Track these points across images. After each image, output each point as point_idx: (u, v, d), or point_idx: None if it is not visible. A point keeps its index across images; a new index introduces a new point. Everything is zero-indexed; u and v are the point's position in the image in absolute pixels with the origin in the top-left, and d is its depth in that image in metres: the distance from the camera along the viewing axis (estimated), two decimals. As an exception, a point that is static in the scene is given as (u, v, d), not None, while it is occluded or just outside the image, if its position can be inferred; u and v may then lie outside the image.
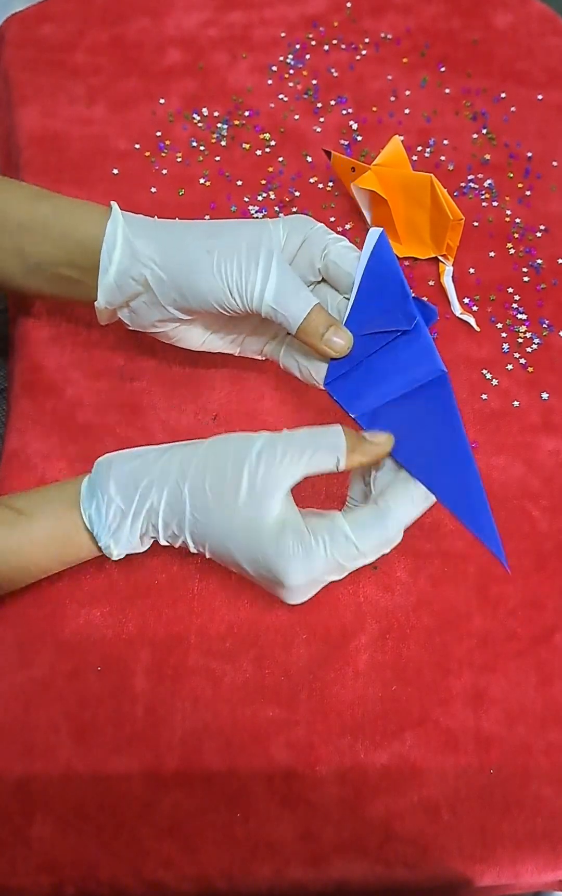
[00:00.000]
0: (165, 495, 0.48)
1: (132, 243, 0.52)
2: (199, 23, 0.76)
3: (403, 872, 0.49)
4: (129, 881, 0.48)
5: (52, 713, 0.51)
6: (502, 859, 0.49)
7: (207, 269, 0.50)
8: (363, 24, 0.77)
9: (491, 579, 0.55)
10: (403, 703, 0.52)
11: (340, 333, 0.51)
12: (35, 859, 0.48)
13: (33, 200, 0.54)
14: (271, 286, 0.50)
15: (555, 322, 0.64)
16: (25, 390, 0.60)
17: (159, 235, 0.52)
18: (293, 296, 0.50)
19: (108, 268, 0.52)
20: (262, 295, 0.50)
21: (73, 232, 0.53)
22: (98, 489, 0.49)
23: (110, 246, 0.52)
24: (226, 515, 0.47)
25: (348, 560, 0.47)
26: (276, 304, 0.50)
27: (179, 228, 0.53)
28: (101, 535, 0.49)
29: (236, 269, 0.50)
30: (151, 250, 0.52)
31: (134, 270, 0.52)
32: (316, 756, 0.50)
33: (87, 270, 0.53)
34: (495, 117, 0.73)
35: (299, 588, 0.47)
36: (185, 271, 0.51)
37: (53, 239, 0.53)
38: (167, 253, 0.51)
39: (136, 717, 0.51)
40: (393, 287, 0.51)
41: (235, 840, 0.49)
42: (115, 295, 0.53)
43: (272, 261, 0.50)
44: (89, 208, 0.54)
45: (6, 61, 0.73)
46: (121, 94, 0.72)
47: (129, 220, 0.53)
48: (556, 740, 0.51)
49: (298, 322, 0.50)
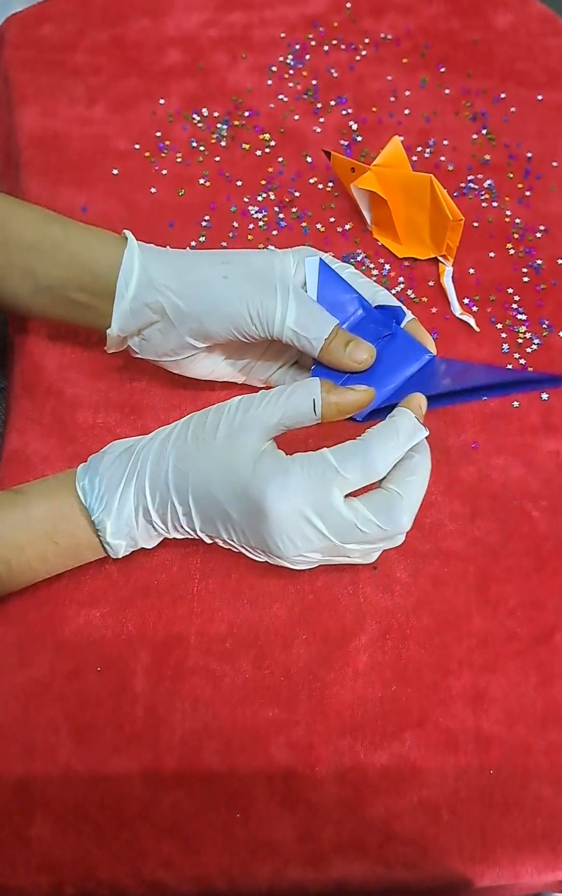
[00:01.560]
0: (151, 457, 0.49)
1: (148, 270, 0.52)
2: (199, 23, 0.76)
3: (402, 873, 0.49)
4: (128, 881, 0.48)
5: (52, 713, 0.51)
6: (501, 860, 0.49)
7: (225, 296, 0.51)
8: (363, 24, 0.77)
9: (491, 579, 0.55)
10: (403, 704, 0.52)
11: (362, 347, 0.52)
12: (35, 859, 0.48)
13: (44, 222, 0.54)
14: (292, 311, 0.51)
15: (555, 322, 0.64)
16: (25, 390, 0.60)
17: (173, 262, 0.53)
18: (313, 319, 0.51)
19: (124, 295, 0.52)
20: (283, 320, 0.51)
21: (84, 256, 0.53)
22: (93, 468, 0.50)
23: (128, 273, 0.52)
24: (206, 457, 0.48)
25: (327, 484, 0.46)
26: (297, 327, 0.51)
27: (191, 256, 0.54)
28: (94, 508, 0.49)
29: (256, 296, 0.51)
30: (167, 278, 0.52)
31: (150, 298, 0.52)
32: (316, 756, 0.50)
33: (97, 295, 0.53)
34: (495, 117, 0.73)
35: (283, 518, 0.47)
36: (203, 298, 0.51)
37: (63, 262, 0.53)
38: (184, 280, 0.52)
39: (136, 718, 0.51)
40: (353, 308, 0.53)
41: (234, 840, 0.49)
42: (129, 322, 0.53)
43: (289, 287, 0.51)
44: (100, 234, 0.55)
45: (6, 61, 0.73)
46: (121, 95, 0.72)
47: (143, 248, 0.54)
48: (556, 740, 0.51)
49: (320, 343, 0.51)
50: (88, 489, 0.49)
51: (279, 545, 0.48)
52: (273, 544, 0.48)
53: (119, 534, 0.50)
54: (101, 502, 0.49)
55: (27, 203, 0.57)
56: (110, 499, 0.49)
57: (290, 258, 0.53)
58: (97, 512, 0.49)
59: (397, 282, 0.65)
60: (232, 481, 0.47)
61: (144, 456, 0.49)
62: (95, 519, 0.49)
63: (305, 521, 0.47)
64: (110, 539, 0.50)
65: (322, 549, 0.48)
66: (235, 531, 0.49)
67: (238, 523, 0.48)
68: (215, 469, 0.48)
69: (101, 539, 0.50)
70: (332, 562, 0.50)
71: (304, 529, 0.47)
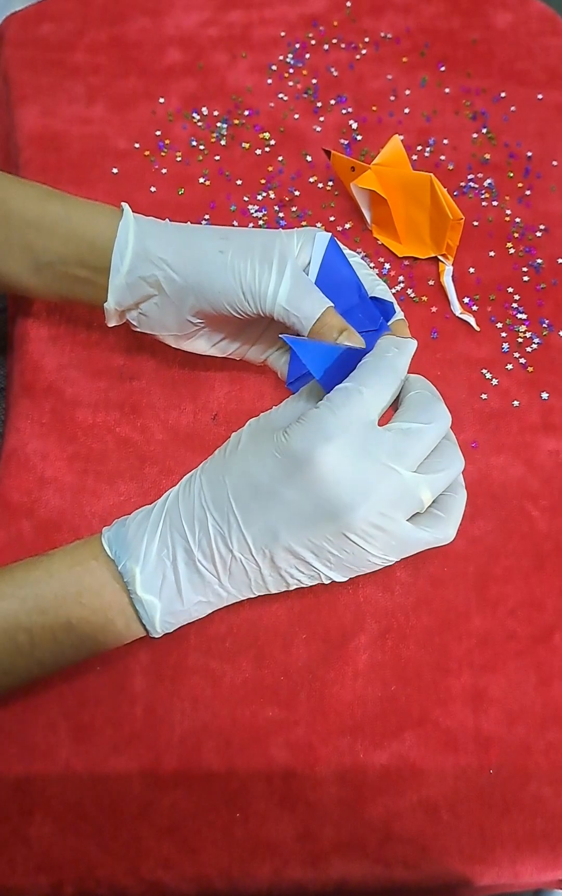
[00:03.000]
0: (180, 492, 0.46)
1: (144, 244, 0.52)
2: (198, 22, 0.76)
3: (402, 872, 0.49)
4: (127, 881, 0.48)
5: (52, 713, 0.51)
6: (501, 859, 0.49)
7: (220, 270, 0.50)
8: (363, 23, 0.77)
9: (491, 579, 0.55)
10: (403, 703, 0.52)
11: (353, 338, 0.50)
12: (34, 859, 0.48)
13: (43, 199, 0.54)
14: (285, 287, 0.50)
15: (555, 322, 0.64)
16: (25, 390, 0.60)
17: (171, 237, 0.52)
18: (306, 298, 0.50)
19: (119, 268, 0.52)
20: (275, 296, 0.50)
21: (84, 230, 0.53)
22: (118, 522, 0.47)
23: (122, 246, 0.52)
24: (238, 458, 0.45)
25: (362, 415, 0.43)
26: (289, 305, 0.50)
27: (191, 230, 0.53)
28: (121, 556, 0.45)
29: (250, 270, 0.50)
30: (164, 251, 0.51)
31: (146, 271, 0.52)
32: (315, 756, 0.50)
33: (98, 270, 0.53)
34: (495, 117, 0.72)
35: (335, 465, 0.42)
36: (198, 272, 0.51)
37: (63, 237, 0.53)
38: (180, 254, 0.51)
39: (136, 717, 0.51)
40: (349, 291, 0.52)
41: (234, 840, 0.49)
42: (126, 296, 0.53)
43: (286, 263, 0.50)
44: (100, 208, 0.54)
45: (6, 61, 0.73)
46: (120, 94, 0.72)
47: (141, 221, 0.53)
48: (555, 740, 0.51)
49: (310, 323, 0.50)
50: (114, 539, 0.46)
51: (343, 498, 0.43)
52: (338, 499, 0.43)
53: (151, 585, 0.45)
54: (128, 549, 0.45)
55: (26, 180, 0.56)
56: (138, 544, 0.45)
57: (294, 238, 0.52)
58: (124, 560, 0.45)
59: (397, 281, 0.65)
60: (269, 453, 0.44)
61: (171, 497, 0.47)
62: (122, 569, 0.45)
63: (361, 458, 0.43)
64: (142, 593, 0.45)
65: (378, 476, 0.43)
66: (292, 521, 0.44)
67: (292, 503, 0.43)
68: (251, 461, 0.44)
69: (132, 595, 0.45)
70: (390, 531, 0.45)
71: (362, 466, 0.43)
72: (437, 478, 0.45)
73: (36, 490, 0.56)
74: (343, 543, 0.44)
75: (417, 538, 0.45)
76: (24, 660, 0.46)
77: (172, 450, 0.58)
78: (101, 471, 0.57)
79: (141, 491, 0.56)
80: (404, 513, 0.44)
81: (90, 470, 0.57)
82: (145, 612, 0.45)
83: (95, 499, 0.56)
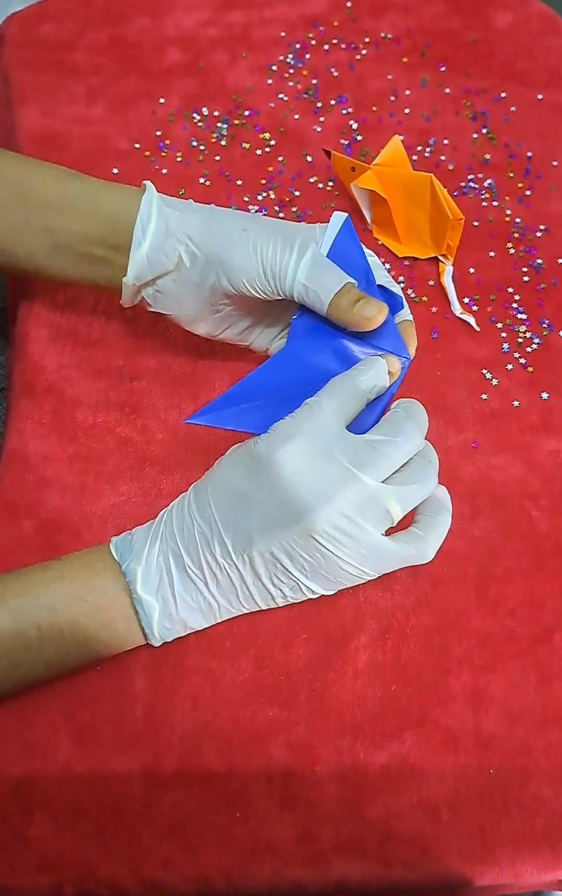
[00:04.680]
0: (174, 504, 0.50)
1: (167, 219, 0.52)
2: (199, 22, 0.76)
3: (402, 872, 0.49)
4: (128, 881, 0.48)
5: (52, 713, 0.50)
6: (501, 859, 0.49)
7: (243, 247, 0.50)
8: (363, 23, 0.77)
9: (491, 579, 0.55)
10: (403, 703, 0.52)
11: (372, 304, 0.49)
12: (34, 859, 0.48)
13: (63, 179, 0.54)
14: (304, 266, 0.50)
15: (555, 322, 0.64)
16: (25, 390, 0.60)
17: (194, 214, 0.53)
18: (326, 275, 0.50)
19: (141, 241, 0.52)
20: (295, 274, 0.50)
21: (104, 208, 0.53)
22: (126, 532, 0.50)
23: (145, 219, 0.52)
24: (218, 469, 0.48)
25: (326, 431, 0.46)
26: (308, 280, 0.50)
27: (214, 210, 0.53)
28: (124, 556, 0.48)
29: (272, 250, 0.50)
30: (187, 227, 0.52)
31: (168, 245, 0.52)
32: (316, 756, 0.50)
33: (117, 248, 0.53)
34: (495, 117, 0.73)
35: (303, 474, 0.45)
36: (220, 248, 0.51)
37: (83, 216, 0.53)
38: (203, 230, 0.52)
39: (136, 717, 0.51)
40: (358, 276, 0.51)
41: (234, 840, 0.49)
42: (145, 271, 0.53)
43: (308, 247, 0.50)
44: (121, 187, 0.54)
45: (6, 61, 0.73)
46: (121, 94, 0.72)
47: (164, 197, 0.53)
48: (556, 740, 0.51)
49: (329, 296, 0.50)
50: (120, 543, 0.49)
51: (304, 497, 0.45)
52: (299, 498, 0.45)
53: (149, 585, 0.47)
54: (132, 552, 0.48)
55: (44, 162, 0.56)
56: (141, 548, 0.48)
57: (316, 230, 0.52)
58: (127, 561, 0.48)
59: (398, 281, 0.65)
60: (242, 459, 0.47)
61: (171, 506, 0.50)
62: (125, 569, 0.48)
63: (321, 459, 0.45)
64: (141, 592, 0.47)
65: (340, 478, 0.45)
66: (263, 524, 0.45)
67: (261, 504, 0.45)
68: (227, 468, 0.48)
69: (133, 594, 0.47)
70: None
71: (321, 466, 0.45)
72: (406, 491, 0.46)
73: (36, 490, 0.56)
74: (311, 546, 0.46)
75: (389, 550, 0.47)
76: (31, 656, 0.47)
77: (172, 450, 0.58)
78: (101, 471, 0.57)
79: (141, 491, 0.56)
80: (373, 523, 0.46)
81: (90, 470, 0.57)
82: (144, 612, 0.48)
83: (96, 499, 0.56)
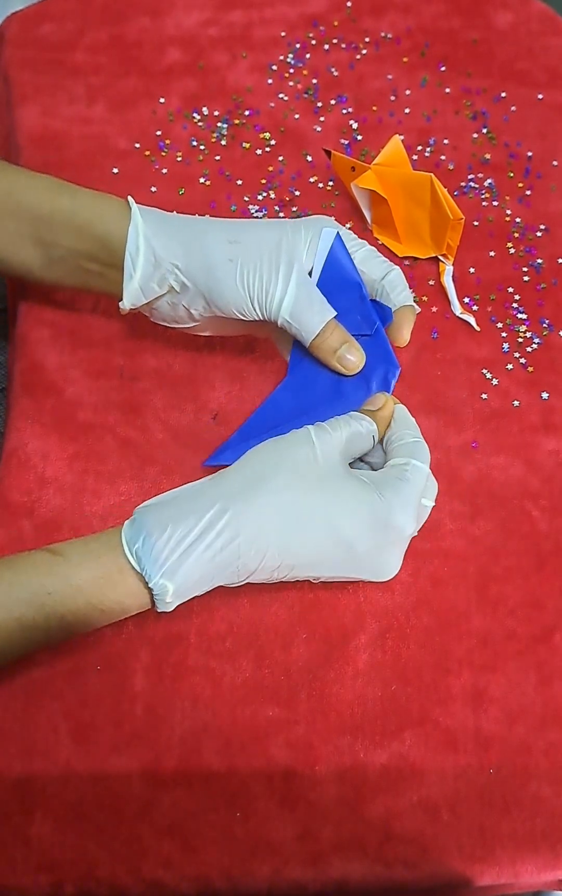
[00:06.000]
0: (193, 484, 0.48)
1: (155, 250, 0.53)
2: (199, 22, 0.76)
3: (402, 872, 0.49)
4: (128, 880, 0.48)
5: (52, 712, 0.51)
6: (501, 859, 0.49)
7: (231, 279, 0.51)
8: (363, 23, 0.77)
9: (491, 579, 0.55)
10: (403, 703, 0.52)
11: (353, 351, 0.52)
12: (34, 858, 0.48)
13: (53, 193, 0.54)
14: (289, 299, 0.51)
15: (555, 322, 0.64)
16: (25, 389, 0.60)
17: (181, 238, 0.53)
18: (308, 310, 0.52)
19: (132, 274, 0.53)
20: (280, 307, 0.51)
21: (93, 228, 0.53)
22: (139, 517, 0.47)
23: (133, 252, 0.53)
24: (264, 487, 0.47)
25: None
26: (291, 318, 0.52)
27: (200, 229, 0.53)
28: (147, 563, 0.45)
29: (258, 281, 0.51)
30: (175, 256, 0.52)
31: (158, 276, 0.53)
32: (315, 756, 0.50)
33: (110, 266, 0.54)
34: (495, 117, 0.72)
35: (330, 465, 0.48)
36: (207, 279, 0.52)
37: (74, 233, 0.54)
38: (190, 260, 0.52)
39: (136, 717, 0.51)
40: (350, 291, 0.53)
41: (234, 839, 0.49)
42: (139, 297, 0.54)
43: (292, 272, 0.51)
44: (109, 204, 0.54)
45: (6, 60, 0.73)
46: (121, 94, 0.72)
47: (149, 220, 0.53)
48: (556, 740, 0.51)
49: (311, 337, 0.52)
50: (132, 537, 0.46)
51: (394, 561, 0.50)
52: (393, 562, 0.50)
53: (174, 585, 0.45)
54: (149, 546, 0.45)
55: (35, 173, 0.56)
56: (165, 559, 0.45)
57: (301, 234, 0.52)
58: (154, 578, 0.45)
59: (397, 281, 0.65)
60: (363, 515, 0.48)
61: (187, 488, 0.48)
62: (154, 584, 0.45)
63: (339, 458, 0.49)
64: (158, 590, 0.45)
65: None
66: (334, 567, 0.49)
67: (357, 555, 0.48)
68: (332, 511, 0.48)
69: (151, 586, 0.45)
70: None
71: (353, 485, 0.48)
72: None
73: (36, 490, 0.56)
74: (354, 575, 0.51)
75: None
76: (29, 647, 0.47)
77: (172, 450, 0.58)
78: (101, 471, 0.57)
79: (141, 491, 0.56)
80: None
81: (90, 470, 0.57)
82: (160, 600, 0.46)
83: (96, 499, 0.56)
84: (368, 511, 0.47)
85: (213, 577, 0.47)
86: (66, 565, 0.46)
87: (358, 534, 0.47)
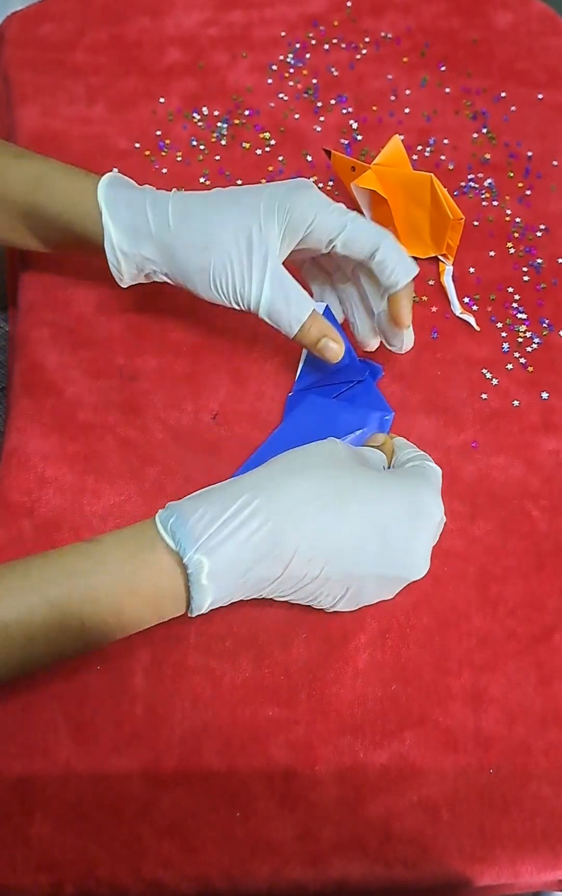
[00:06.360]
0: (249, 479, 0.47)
1: (132, 258, 0.55)
2: (199, 22, 0.76)
3: (402, 872, 0.49)
4: (128, 880, 0.48)
5: (52, 712, 0.51)
6: (501, 859, 0.49)
7: (205, 285, 0.54)
8: (363, 23, 0.77)
9: (491, 579, 0.55)
10: (403, 703, 0.52)
11: (332, 342, 0.55)
12: (34, 858, 0.48)
13: (30, 187, 0.56)
14: (265, 301, 0.53)
15: (555, 322, 0.64)
16: (25, 389, 0.60)
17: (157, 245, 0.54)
18: (285, 310, 0.54)
19: (118, 268, 0.56)
20: (257, 308, 0.54)
21: (74, 228, 0.56)
22: (171, 504, 0.46)
23: (114, 261, 0.55)
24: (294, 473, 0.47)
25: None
26: (269, 318, 0.54)
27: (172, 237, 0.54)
28: (181, 536, 0.44)
29: (231, 288, 0.54)
30: (154, 263, 0.55)
31: (144, 266, 0.56)
32: (315, 756, 0.50)
33: (99, 250, 0.55)
34: (495, 117, 0.72)
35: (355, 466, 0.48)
36: (187, 283, 0.55)
37: (57, 229, 0.57)
38: (168, 266, 0.55)
39: (136, 717, 0.51)
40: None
41: (234, 839, 0.49)
42: (137, 277, 0.57)
43: (265, 272, 0.53)
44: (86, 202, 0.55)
45: (6, 60, 0.73)
46: (121, 94, 0.72)
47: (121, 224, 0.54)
48: (556, 740, 0.51)
49: (293, 332, 0.54)
50: (164, 517, 0.45)
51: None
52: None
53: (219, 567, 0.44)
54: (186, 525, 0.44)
55: (20, 157, 0.57)
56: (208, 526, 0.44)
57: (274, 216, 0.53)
58: (189, 552, 0.44)
59: (397, 281, 0.65)
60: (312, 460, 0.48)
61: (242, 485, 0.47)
62: (188, 560, 0.44)
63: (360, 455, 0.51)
64: (206, 581, 0.44)
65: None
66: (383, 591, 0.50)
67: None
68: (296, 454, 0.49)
69: (186, 562, 0.44)
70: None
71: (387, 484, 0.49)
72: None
73: (36, 490, 0.56)
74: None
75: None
76: (73, 641, 0.45)
77: (172, 450, 0.58)
78: (101, 471, 0.57)
79: (141, 491, 0.56)
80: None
81: (90, 470, 0.57)
82: (198, 598, 0.45)
83: (96, 499, 0.56)
84: (400, 493, 0.48)
85: (249, 568, 0.45)
86: (98, 547, 0.45)
87: (393, 515, 0.47)
